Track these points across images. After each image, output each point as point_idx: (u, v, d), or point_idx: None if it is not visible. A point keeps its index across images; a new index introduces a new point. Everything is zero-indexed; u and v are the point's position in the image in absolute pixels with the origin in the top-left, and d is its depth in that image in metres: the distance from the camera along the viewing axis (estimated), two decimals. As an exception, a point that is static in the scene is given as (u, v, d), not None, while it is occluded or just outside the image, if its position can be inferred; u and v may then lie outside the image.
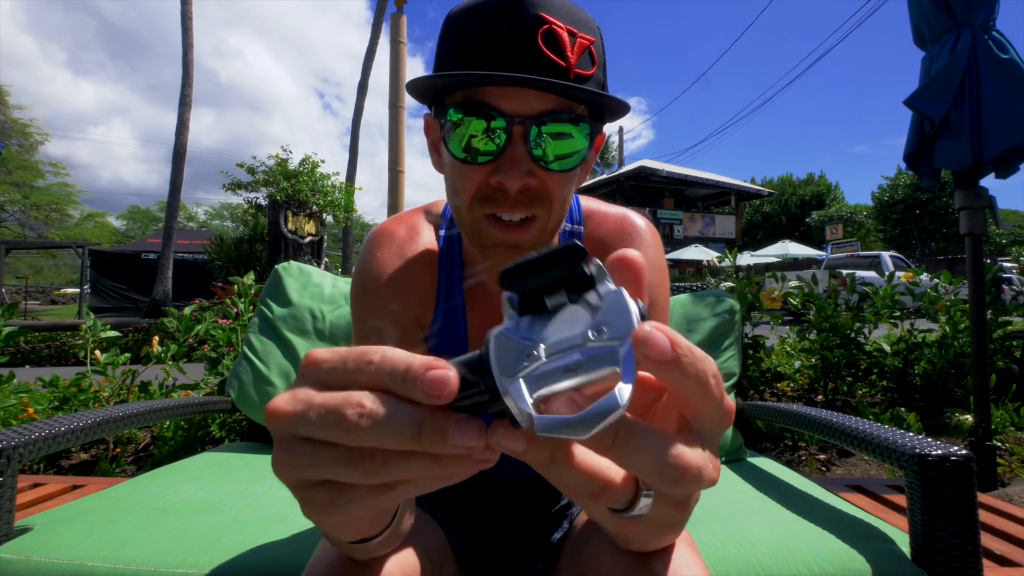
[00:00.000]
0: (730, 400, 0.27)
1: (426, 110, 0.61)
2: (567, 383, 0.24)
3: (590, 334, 0.24)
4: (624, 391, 0.22)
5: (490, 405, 0.24)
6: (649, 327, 0.23)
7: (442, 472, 0.24)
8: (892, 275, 2.93)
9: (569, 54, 0.51)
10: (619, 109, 0.55)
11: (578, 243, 0.25)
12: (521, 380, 0.23)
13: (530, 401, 0.23)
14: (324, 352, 0.25)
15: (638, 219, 0.70)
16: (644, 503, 0.30)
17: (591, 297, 0.25)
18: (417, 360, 0.23)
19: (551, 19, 0.51)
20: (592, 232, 0.70)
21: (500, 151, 0.53)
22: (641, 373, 0.27)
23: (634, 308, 0.24)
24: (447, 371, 0.23)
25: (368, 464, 0.23)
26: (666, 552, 0.52)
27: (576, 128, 0.53)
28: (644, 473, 0.25)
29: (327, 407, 0.23)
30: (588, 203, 0.73)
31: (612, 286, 0.25)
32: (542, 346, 0.24)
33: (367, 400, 0.22)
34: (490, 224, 0.56)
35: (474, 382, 0.24)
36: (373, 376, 0.23)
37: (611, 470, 0.27)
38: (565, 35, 0.51)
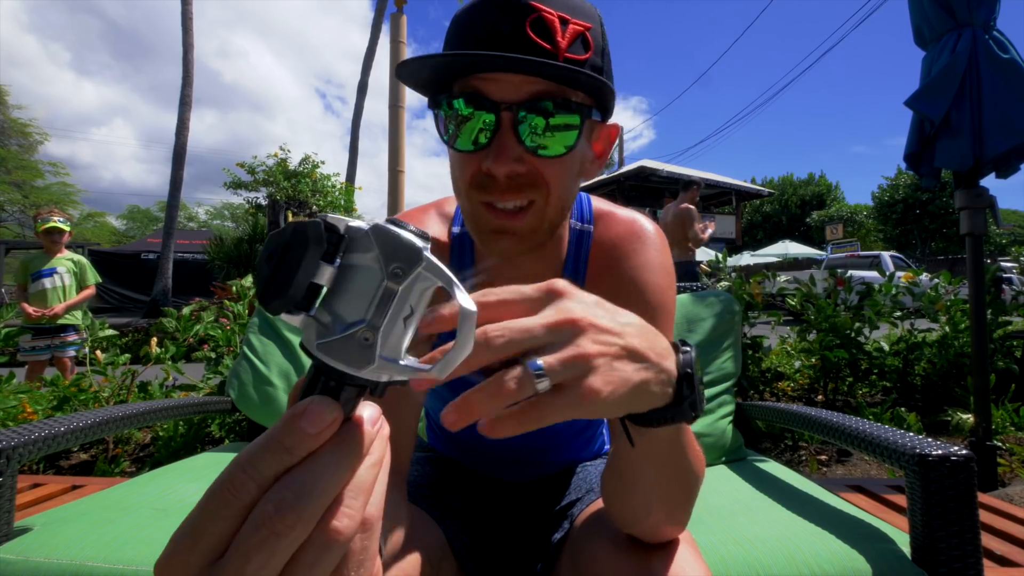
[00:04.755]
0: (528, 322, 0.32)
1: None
2: (413, 326, 0.25)
3: (387, 283, 0.24)
4: (462, 297, 0.25)
5: (376, 389, 0.25)
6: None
7: (347, 467, 0.23)
8: (892, 275, 2.93)
9: (559, 39, 0.51)
10: (602, 88, 0.53)
11: (302, 220, 0.24)
12: (379, 359, 0.23)
13: (407, 363, 0.24)
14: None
15: (647, 223, 0.70)
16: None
17: (358, 249, 0.24)
18: (277, 430, 0.23)
19: (540, 6, 0.51)
20: (602, 233, 0.70)
21: (491, 138, 0.53)
22: None
23: (403, 232, 0.24)
24: (310, 404, 0.23)
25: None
26: (667, 551, 0.52)
27: (566, 113, 0.53)
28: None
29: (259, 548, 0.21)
30: (600, 204, 0.73)
31: (364, 226, 0.24)
32: (365, 323, 0.24)
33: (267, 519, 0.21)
34: (486, 211, 0.56)
35: (348, 387, 0.24)
36: (256, 490, 0.22)
37: None
38: (555, 21, 0.51)
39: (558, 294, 0.34)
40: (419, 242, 0.24)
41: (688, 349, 0.40)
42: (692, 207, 4.93)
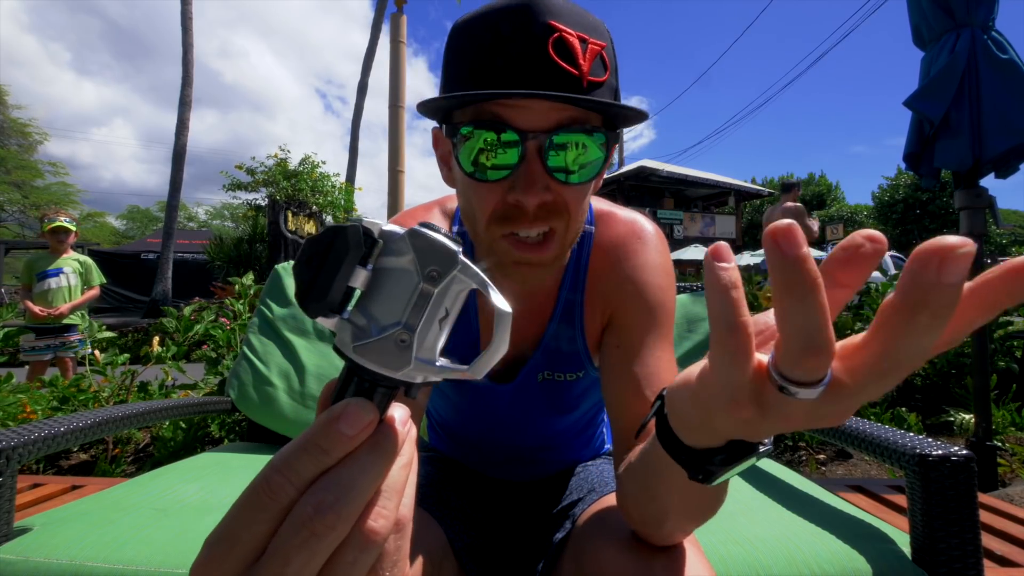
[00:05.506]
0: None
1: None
2: (448, 327, 0.25)
3: (423, 286, 0.24)
4: (496, 298, 0.24)
5: (410, 390, 0.25)
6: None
7: (383, 464, 0.23)
8: (896, 276, 2.95)
9: (581, 62, 0.49)
10: (634, 118, 0.53)
11: (336, 225, 0.24)
12: (415, 360, 0.24)
13: (442, 363, 0.24)
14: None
15: (647, 224, 0.70)
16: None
17: (392, 253, 0.24)
18: (314, 433, 0.23)
19: (561, 26, 0.49)
20: (602, 234, 0.70)
21: (515, 168, 0.51)
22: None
23: (439, 236, 0.24)
24: (348, 406, 0.23)
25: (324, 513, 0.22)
26: (671, 551, 0.52)
27: (591, 138, 0.52)
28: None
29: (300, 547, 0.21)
30: (600, 205, 0.73)
31: (399, 230, 0.25)
32: (401, 325, 0.24)
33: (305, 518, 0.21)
34: (508, 243, 0.54)
35: (382, 389, 0.24)
36: (297, 487, 0.22)
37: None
38: (576, 42, 0.49)
39: None
40: (454, 246, 0.24)
41: (767, 444, 0.35)
42: (800, 205, 5.05)
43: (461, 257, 0.24)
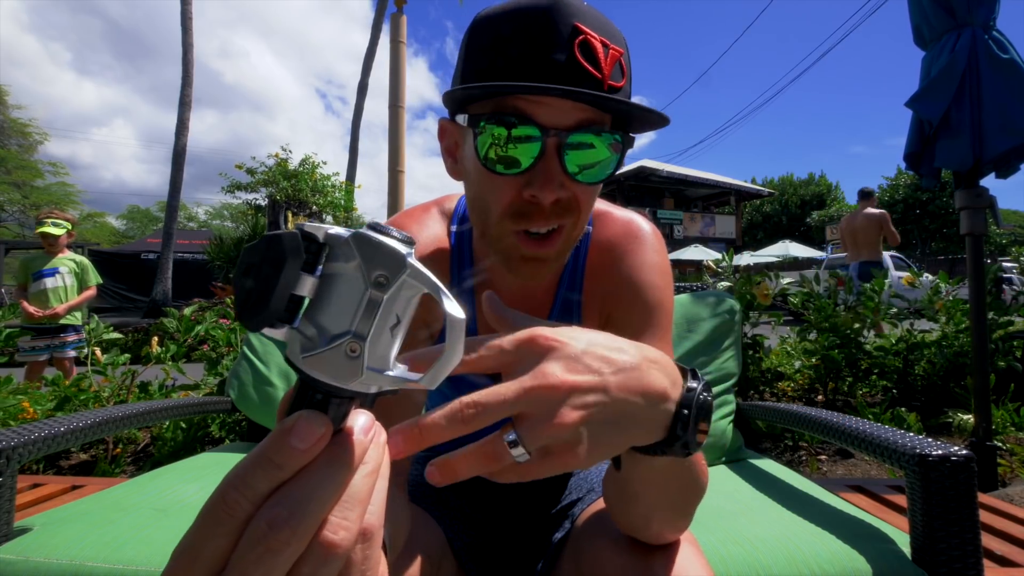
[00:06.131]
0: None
1: (436, 114, 0.60)
2: (400, 335, 0.24)
3: (371, 292, 0.23)
4: (449, 305, 0.24)
5: (365, 400, 0.24)
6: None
7: (338, 483, 0.23)
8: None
9: (604, 65, 0.50)
10: (657, 122, 0.54)
11: (276, 232, 0.23)
12: (366, 371, 0.23)
13: (396, 373, 0.23)
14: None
15: (643, 223, 0.70)
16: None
17: (339, 258, 0.23)
18: (266, 447, 0.22)
19: (586, 29, 0.50)
20: (599, 234, 0.70)
21: (534, 163, 0.51)
22: None
23: (385, 238, 0.23)
24: (298, 420, 0.23)
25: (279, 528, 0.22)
26: (669, 551, 0.52)
27: (607, 139, 0.53)
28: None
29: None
30: (597, 204, 0.73)
31: (344, 233, 0.23)
32: (350, 335, 0.23)
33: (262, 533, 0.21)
34: (518, 239, 0.55)
35: (336, 400, 0.24)
36: (251, 503, 0.22)
37: None
38: (599, 46, 0.50)
39: (539, 350, 0.34)
40: (403, 248, 0.23)
41: (694, 387, 0.38)
42: (884, 212, 5.43)
43: (410, 260, 0.23)
